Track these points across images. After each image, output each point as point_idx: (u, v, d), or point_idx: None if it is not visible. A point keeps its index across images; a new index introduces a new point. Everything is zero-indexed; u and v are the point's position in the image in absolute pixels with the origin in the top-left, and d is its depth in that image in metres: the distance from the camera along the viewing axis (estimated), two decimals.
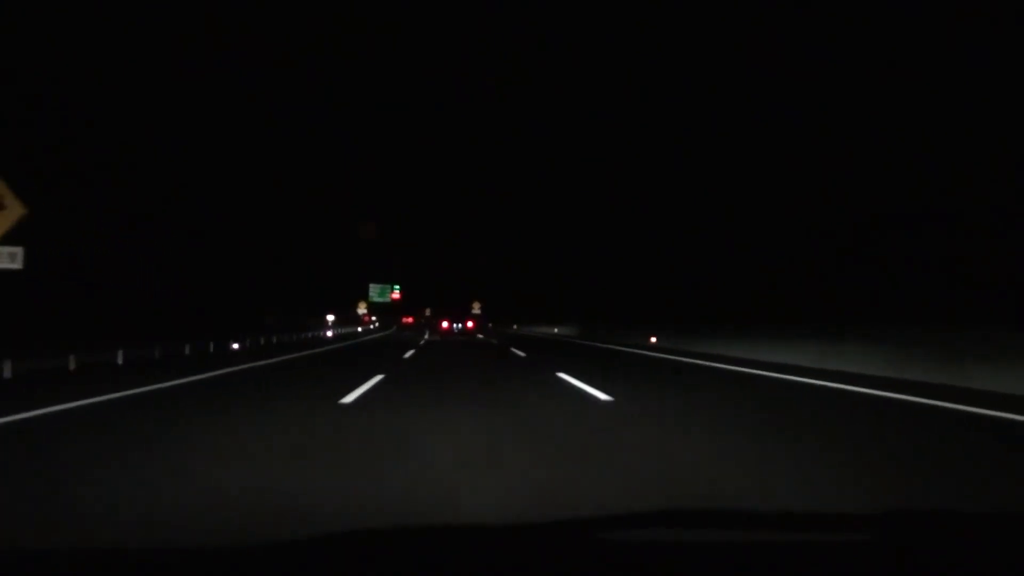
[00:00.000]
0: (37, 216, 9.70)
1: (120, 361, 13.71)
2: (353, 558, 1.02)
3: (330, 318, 38.79)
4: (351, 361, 15.38)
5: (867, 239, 20.84)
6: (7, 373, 10.23)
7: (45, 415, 6.18)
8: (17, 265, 9.42)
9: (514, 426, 5.70)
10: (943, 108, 18.15)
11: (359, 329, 48.18)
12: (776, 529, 1.18)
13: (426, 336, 38.39)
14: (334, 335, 33.73)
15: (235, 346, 17.87)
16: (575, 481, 3.80)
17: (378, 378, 10.10)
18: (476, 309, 62.13)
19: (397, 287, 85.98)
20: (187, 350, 16.73)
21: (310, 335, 31.74)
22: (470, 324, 54.68)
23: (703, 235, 30.72)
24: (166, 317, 25.19)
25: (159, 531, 2.79)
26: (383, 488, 3.56)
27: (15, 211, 9.43)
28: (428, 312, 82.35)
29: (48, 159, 22.54)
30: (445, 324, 48.96)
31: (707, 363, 13.81)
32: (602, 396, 7.68)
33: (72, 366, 12.05)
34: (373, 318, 76.56)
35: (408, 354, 18.08)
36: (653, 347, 20.97)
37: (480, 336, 40.72)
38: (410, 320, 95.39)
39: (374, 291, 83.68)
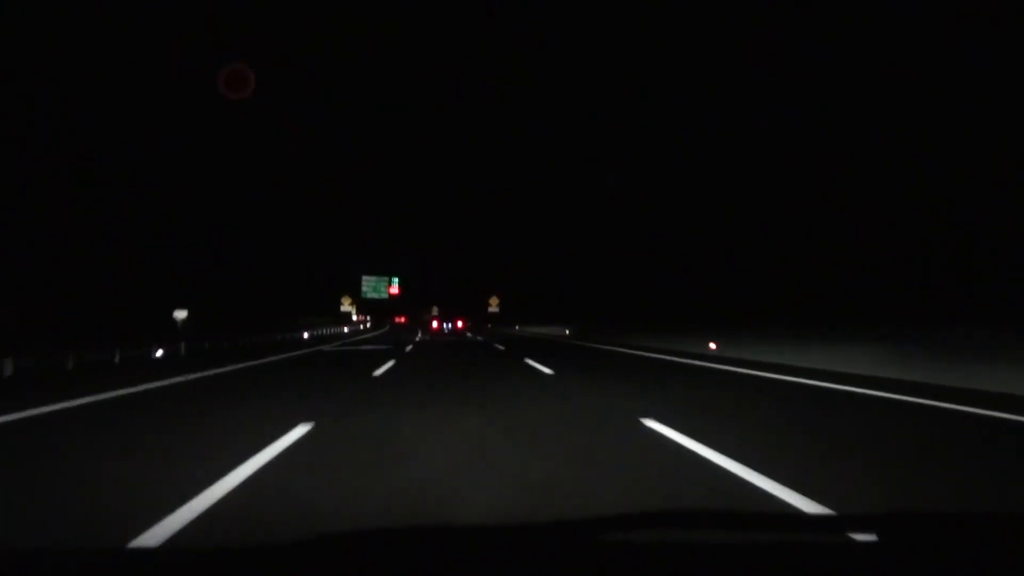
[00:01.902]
0: (35, 217, 9.73)
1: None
2: (353, 558, 1.02)
3: (179, 315, 21.70)
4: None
5: (861, 239, 20.88)
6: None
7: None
8: None
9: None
10: (943, 108, 18.18)
11: (305, 335, 31.72)
12: (776, 529, 1.19)
13: (419, 336, 37.72)
14: (165, 356, 15.54)
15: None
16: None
17: None
18: (494, 306, 50.95)
19: (396, 280, 71.77)
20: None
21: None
22: (460, 324, 54.02)
23: (702, 235, 30.79)
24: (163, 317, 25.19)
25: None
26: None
27: None
28: (435, 311, 74.94)
29: (47, 160, 22.57)
30: (435, 324, 48.70)
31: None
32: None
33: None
34: (355, 317, 61.32)
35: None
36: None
37: (469, 335, 40.80)
38: (403, 320, 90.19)
39: (368, 285, 69.54)
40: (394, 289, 72.41)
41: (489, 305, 50.68)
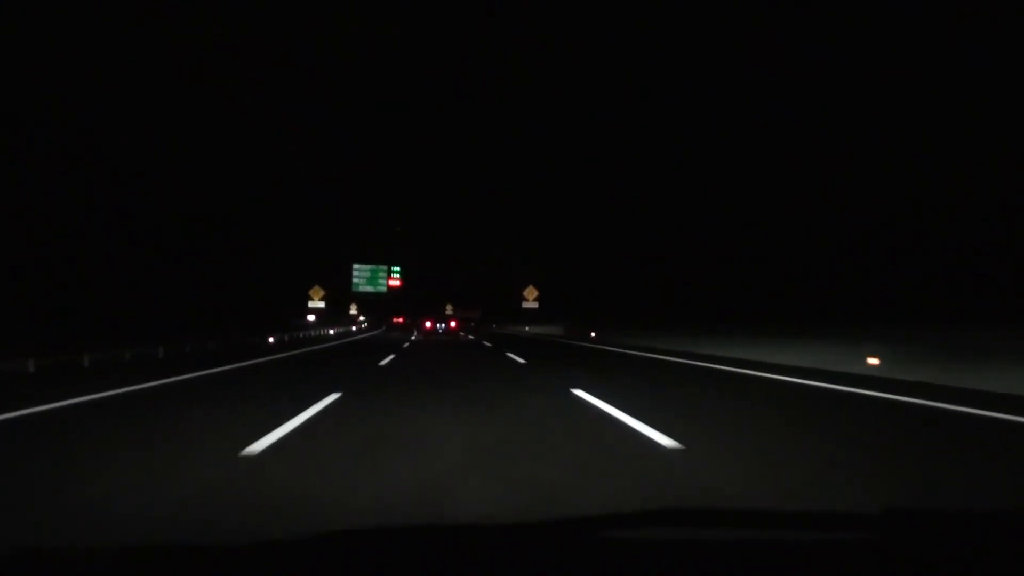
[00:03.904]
0: (35, 217, 9.73)
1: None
2: (352, 557, 1.02)
3: None
4: None
5: (858, 240, 20.87)
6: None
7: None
8: None
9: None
10: (943, 108, 18.17)
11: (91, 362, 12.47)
12: (776, 528, 1.19)
13: (414, 335, 36.97)
14: None
15: None
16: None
17: None
18: (531, 300, 37.02)
19: (397, 270, 58.81)
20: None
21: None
22: (453, 324, 52.18)
23: (702, 236, 30.78)
24: (169, 315, 25.20)
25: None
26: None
27: None
28: (449, 309, 61.31)
29: (45, 159, 22.55)
30: (428, 324, 47.14)
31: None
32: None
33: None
34: (311, 318, 41.94)
35: None
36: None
37: (462, 334, 40.73)
38: (401, 320, 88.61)
39: (360, 275, 55.48)
40: (395, 281, 57.99)
41: (524, 299, 37.00)
